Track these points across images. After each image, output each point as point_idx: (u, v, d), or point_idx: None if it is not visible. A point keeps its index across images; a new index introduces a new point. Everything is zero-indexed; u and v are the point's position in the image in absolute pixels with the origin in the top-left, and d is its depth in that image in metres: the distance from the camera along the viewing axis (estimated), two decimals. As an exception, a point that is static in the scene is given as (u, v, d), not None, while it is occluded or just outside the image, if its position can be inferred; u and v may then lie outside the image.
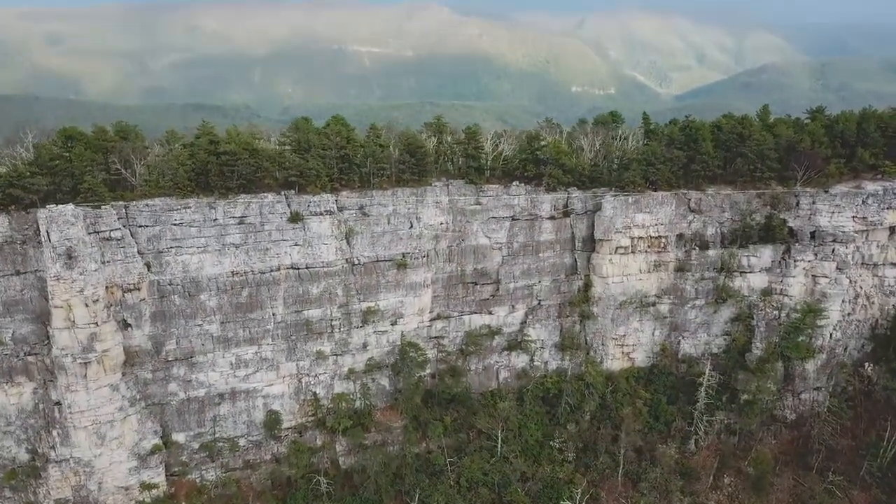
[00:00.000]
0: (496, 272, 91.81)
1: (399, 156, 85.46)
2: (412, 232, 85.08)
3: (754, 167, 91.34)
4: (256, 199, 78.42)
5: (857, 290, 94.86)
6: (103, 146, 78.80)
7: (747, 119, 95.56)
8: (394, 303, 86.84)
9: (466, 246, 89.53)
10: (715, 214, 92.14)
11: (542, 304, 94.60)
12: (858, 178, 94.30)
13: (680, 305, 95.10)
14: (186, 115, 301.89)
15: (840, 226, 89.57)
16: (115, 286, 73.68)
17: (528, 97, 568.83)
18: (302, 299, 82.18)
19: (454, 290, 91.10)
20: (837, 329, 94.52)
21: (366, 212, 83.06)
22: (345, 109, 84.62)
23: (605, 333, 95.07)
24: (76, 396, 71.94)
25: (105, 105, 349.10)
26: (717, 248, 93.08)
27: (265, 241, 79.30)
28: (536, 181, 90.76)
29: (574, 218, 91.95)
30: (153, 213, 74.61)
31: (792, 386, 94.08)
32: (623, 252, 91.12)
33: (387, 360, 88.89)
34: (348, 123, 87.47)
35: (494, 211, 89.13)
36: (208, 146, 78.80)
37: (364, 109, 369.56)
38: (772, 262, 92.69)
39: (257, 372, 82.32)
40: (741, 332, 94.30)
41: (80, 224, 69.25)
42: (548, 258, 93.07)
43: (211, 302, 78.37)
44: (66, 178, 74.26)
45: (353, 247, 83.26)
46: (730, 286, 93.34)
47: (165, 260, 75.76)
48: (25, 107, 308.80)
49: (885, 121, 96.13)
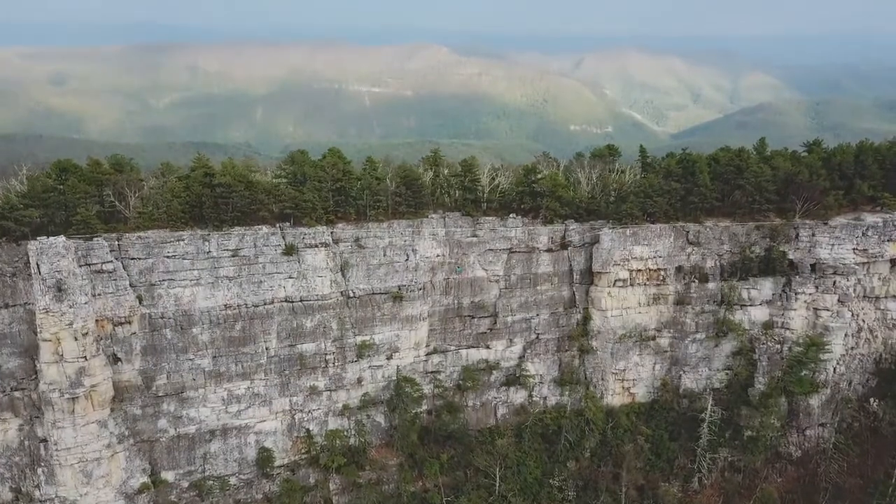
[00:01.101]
0: (493, 305, 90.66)
1: (395, 188, 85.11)
2: (408, 264, 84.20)
3: (752, 199, 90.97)
4: (251, 232, 77.74)
5: (860, 324, 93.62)
6: (98, 179, 78.44)
7: (744, 151, 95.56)
8: (389, 336, 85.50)
9: (463, 278, 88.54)
10: (714, 247, 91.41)
11: (540, 337, 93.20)
12: (858, 209, 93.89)
13: (680, 339, 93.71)
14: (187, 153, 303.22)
15: (841, 258, 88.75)
16: (106, 319, 72.45)
17: (526, 136, 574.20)
18: (296, 333, 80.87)
19: (451, 324, 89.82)
20: (841, 363, 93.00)
21: (361, 244, 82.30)
22: (345, 147, 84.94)
23: (604, 368, 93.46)
24: (63, 433, 70.06)
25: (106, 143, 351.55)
26: (717, 280, 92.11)
27: (259, 274, 78.36)
28: (533, 213, 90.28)
29: (572, 250, 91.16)
30: (146, 245, 73.77)
31: (796, 422, 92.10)
32: (622, 285, 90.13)
33: (382, 396, 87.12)
34: (345, 156, 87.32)
35: (491, 243, 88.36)
36: (203, 179, 78.47)
37: (364, 148, 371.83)
38: (772, 294, 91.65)
39: (249, 408, 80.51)
40: (743, 367, 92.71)
41: (71, 256, 68.33)
42: (546, 291, 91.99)
43: (203, 336, 77.06)
44: (59, 210, 73.82)
45: (349, 279, 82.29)
46: (730, 319, 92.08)
47: (157, 293, 74.69)
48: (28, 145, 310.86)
49: (882, 153, 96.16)
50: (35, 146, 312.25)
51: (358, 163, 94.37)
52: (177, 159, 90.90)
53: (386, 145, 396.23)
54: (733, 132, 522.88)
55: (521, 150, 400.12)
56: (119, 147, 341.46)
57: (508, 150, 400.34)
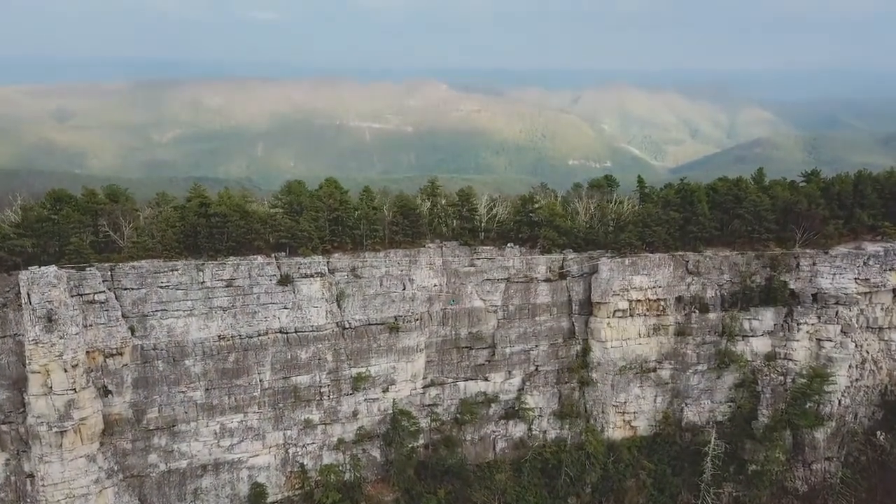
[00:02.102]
0: (492, 336, 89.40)
1: (392, 218, 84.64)
2: (405, 294, 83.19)
3: (752, 228, 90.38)
4: (246, 262, 76.99)
5: (864, 355, 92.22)
6: (92, 209, 78.10)
7: (742, 181, 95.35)
8: (385, 368, 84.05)
9: (461, 309, 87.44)
10: (714, 276, 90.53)
11: (539, 369, 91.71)
12: (858, 239, 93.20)
13: (681, 371, 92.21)
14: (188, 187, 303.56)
15: (842, 287, 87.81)
16: (97, 351, 71.21)
17: (525, 171, 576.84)
18: (290, 365, 79.50)
19: (448, 355, 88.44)
20: (846, 395, 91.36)
21: (358, 274, 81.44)
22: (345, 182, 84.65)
23: (605, 400, 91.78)
24: (50, 468, 68.33)
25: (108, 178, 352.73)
26: (718, 310, 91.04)
27: (253, 305, 77.37)
28: (531, 243, 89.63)
29: (570, 280, 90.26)
30: (139, 275, 72.95)
31: (802, 456, 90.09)
32: (621, 315, 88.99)
33: (378, 430, 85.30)
34: (341, 186, 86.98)
35: (489, 273, 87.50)
36: (199, 209, 78.05)
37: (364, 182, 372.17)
38: (774, 325, 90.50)
39: (242, 442, 78.70)
40: (746, 399, 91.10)
41: (63, 286, 67.44)
42: (544, 322, 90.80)
43: (196, 367, 75.72)
44: (53, 239, 73.20)
45: (344, 310, 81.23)
46: (732, 350, 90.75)
47: (150, 324, 73.62)
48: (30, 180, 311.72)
49: (881, 182, 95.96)
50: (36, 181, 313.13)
51: (357, 195, 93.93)
52: (177, 193, 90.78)
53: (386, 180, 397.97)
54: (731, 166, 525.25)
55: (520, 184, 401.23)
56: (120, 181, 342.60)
57: (507, 184, 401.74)
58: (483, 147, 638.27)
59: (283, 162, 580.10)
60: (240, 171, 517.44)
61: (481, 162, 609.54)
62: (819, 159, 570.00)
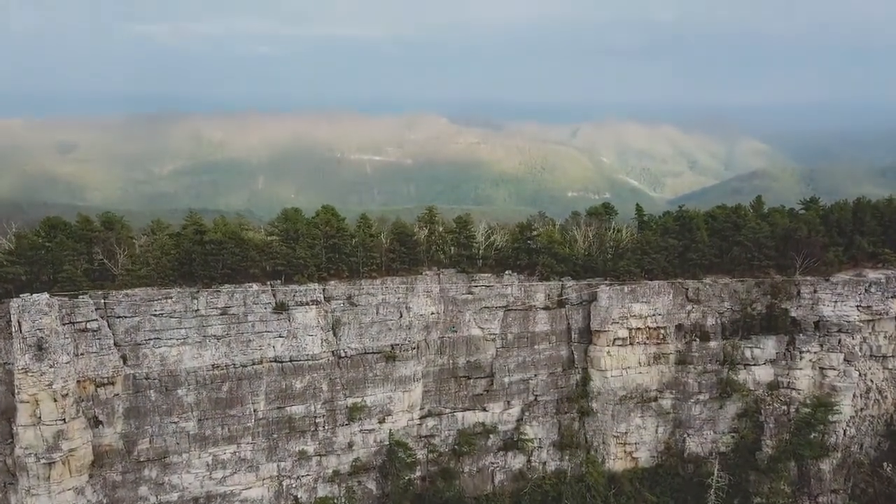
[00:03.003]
0: (490, 365, 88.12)
1: (389, 245, 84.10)
2: (402, 322, 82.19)
3: (751, 255, 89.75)
4: (241, 289, 76.24)
5: (868, 384, 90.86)
6: (87, 236, 77.58)
7: (741, 208, 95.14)
8: (382, 398, 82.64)
9: (459, 337, 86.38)
10: (714, 304, 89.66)
11: (538, 399, 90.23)
12: (859, 266, 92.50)
13: (683, 400, 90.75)
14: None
15: (844, 315, 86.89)
16: (88, 380, 70.05)
17: (525, 202, 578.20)
18: (285, 394, 78.18)
19: (446, 385, 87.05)
20: (851, 425, 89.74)
21: (354, 301, 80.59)
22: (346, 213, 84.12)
23: (605, 431, 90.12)
24: (37, 501, 66.75)
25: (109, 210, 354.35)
26: (719, 339, 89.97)
27: (248, 333, 76.41)
28: (529, 270, 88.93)
29: (569, 308, 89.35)
30: (133, 303, 72.12)
31: (808, 488, 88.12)
32: (621, 344, 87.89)
33: (374, 462, 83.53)
34: (338, 213, 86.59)
35: (487, 300, 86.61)
36: (194, 236, 77.61)
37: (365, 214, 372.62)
38: (776, 353, 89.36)
39: (235, 473, 76.97)
40: (749, 429, 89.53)
41: (55, 314, 66.62)
42: (544, 350, 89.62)
43: (189, 397, 74.44)
44: (46, 267, 72.59)
45: (340, 338, 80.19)
46: (734, 379, 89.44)
47: (143, 352, 72.56)
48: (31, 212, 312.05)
49: (880, 210, 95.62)
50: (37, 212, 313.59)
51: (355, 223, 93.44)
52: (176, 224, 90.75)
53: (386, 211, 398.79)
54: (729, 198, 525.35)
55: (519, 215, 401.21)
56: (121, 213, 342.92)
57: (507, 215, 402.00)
58: (482, 179, 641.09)
59: (284, 194, 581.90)
60: (240, 202, 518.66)
61: (481, 193, 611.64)
62: (817, 190, 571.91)
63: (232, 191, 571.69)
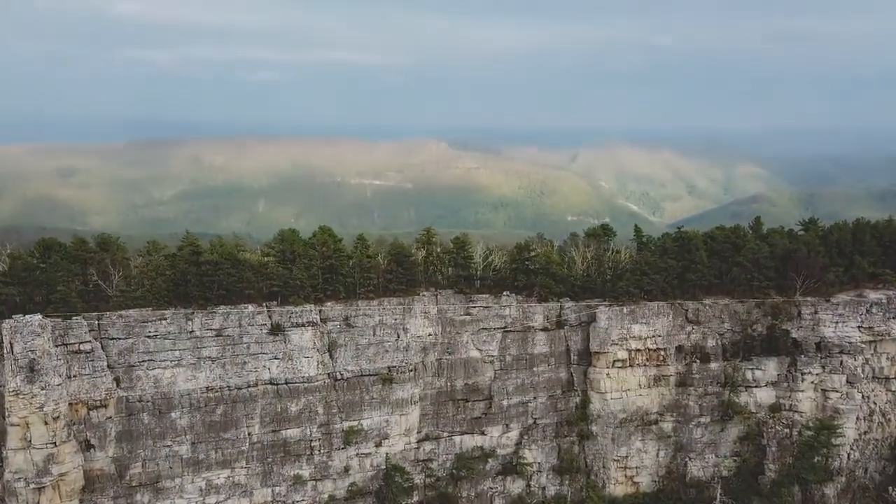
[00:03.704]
0: (488, 388, 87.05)
1: (387, 265, 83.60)
2: (399, 344, 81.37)
3: (751, 276, 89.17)
4: (236, 311, 75.60)
5: (872, 407, 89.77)
6: (82, 257, 77.10)
7: (740, 228, 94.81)
8: (378, 422, 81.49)
9: (456, 359, 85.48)
10: (714, 325, 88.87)
11: (537, 422, 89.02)
12: (859, 287, 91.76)
13: (684, 423, 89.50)
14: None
15: (846, 336, 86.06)
16: (80, 403, 69.07)
17: (524, 226, 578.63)
18: (280, 417, 77.13)
19: (444, 408, 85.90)
20: (855, 449, 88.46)
21: (350, 323, 79.87)
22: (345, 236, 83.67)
23: (605, 455, 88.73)
24: (26, 526, 65.28)
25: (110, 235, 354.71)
26: (720, 360, 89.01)
27: (243, 355, 75.63)
28: (528, 291, 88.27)
29: (568, 329, 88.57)
30: (127, 324, 71.53)
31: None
32: (620, 365, 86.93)
33: (370, 486, 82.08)
34: (336, 234, 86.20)
35: (485, 321, 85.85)
36: (190, 256, 77.16)
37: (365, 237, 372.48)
38: (777, 375, 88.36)
39: (229, 499, 75.58)
40: (752, 453, 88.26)
41: (47, 335, 65.88)
42: (542, 372, 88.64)
43: (182, 420, 73.41)
44: (40, 288, 72.04)
45: (336, 360, 79.32)
46: (735, 402, 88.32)
47: (136, 374, 71.76)
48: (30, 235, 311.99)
49: (880, 230, 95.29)
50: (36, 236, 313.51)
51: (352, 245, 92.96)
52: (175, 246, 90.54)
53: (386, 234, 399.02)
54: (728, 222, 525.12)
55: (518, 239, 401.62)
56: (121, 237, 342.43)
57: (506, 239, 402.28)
58: (482, 203, 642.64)
59: (284, 218, 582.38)
60: (240, 226, 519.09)
61: (480, 217, 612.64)
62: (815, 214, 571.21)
63: (232, 215, 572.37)
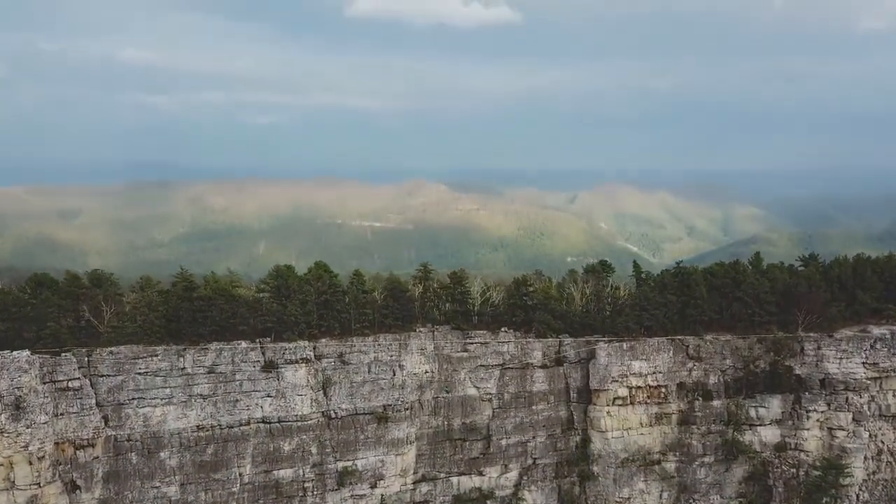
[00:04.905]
0: (486, 427, 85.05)
1: (382, 301, 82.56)
2: (394, 381, 79.78)
3: (752, 311, 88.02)
4: (229, 347, 74.38)
5: (879, 446, 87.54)
6: (74, 293, 76.11)
7: (739, 264, 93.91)
8: (373, 462, 79.38)
9: (453, 397, 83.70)
10: (716, 362, 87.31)
11: (537, 462, 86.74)
12: (862, 322, 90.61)
13: (687, 463, 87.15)
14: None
15: (850, 372, 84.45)
16: (67, 442, 67.45)
17: (524, 267, 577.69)
18: (272, 457, 75.18)
19: (440, 448, 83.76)
20: (864, 490, 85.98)
21: (345, 360, 78.46)
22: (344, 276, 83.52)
23: (607, 496, 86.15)
24: (6, 571, 62.98)
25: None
26: (722, 398, 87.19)
27: (235, 392, 74.16)
28: (526, 327, 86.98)
29: (568, 367, 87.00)
30: (117, 361, 70.38)
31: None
32: (621, 403, 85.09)
33: (365, 529, 79.56)
34: (331, 269, 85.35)
35: (483, 358, 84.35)
36: (183, 292, 76.27)
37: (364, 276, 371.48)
38: (782, 413, 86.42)
39: (218, 543, 73.11)
40: (758, 494, 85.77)
41: (35, 372, 64.67)
42: (542, 411, 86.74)
43: (171, 460, 71.55)
44: (30, 324, 71.03)
45: (331, 398, 77.68)
46: (740, 441, 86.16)
47: (125, 412, 70.29)
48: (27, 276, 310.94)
49: (880, 265, 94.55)
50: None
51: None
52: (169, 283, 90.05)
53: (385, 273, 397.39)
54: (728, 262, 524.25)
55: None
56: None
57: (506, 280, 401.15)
58: (482, 244, 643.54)
59: (285, 259, 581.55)
60: (241, 268, 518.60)
61: (480, 258, 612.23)
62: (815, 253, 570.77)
63: (233, 256, 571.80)
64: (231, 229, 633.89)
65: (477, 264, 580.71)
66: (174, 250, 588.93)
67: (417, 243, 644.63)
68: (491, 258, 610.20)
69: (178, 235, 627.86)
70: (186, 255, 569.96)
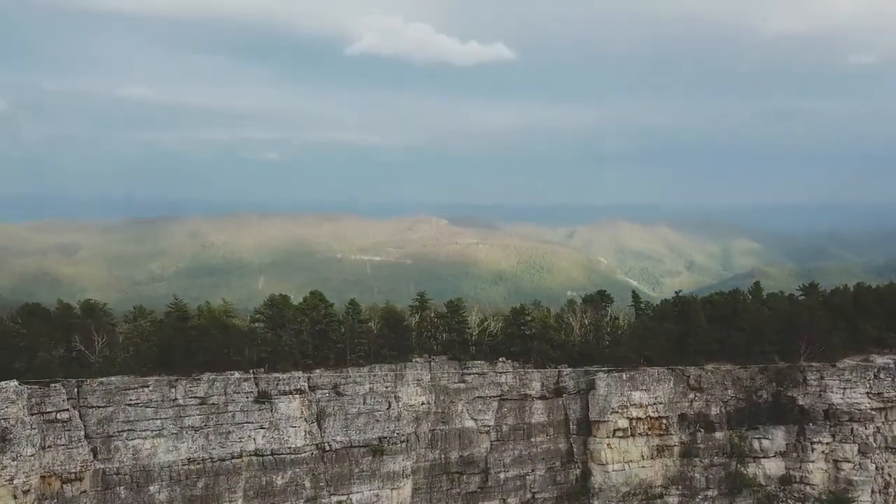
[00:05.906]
0: (484, 460, 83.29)
1: (378, 331, 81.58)
2: (390, 413, 78.28)
3: (752, 341, 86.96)
4: (222, 378, 73.12)
5: (887, 479, 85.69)
6: (66, 322, 75.21)
7: (739, 293, 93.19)
8: (368, 496, 77.39)
9: (451, 429, 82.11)
10: (717, 392, 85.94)
11: (536, 496, 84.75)
12: (865, 351, 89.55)
13: (690, 497, 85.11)
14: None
15: (855, 403, 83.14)
16: (54, 475, 65.70)
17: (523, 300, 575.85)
18: (264, 491, 73.26)
19: (437, 482, 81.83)
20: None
21: (340, 391, 77.12)
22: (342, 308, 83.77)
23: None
24: None
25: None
26: (724, 429, 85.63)
27: (228, 424, 72.61)
28: (524, 357, 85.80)
29: (567, 398, 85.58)
30: (107, 391, 69.06)
31: None
32: (622, 435, 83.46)
33: (360, 568, 77.27)
34: (326, 298, 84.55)
35: (481, 389, 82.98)
36: (177, 322, 75.40)
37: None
38: (786, 444, 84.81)
39: (208, 581, 70.87)
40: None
41: (22, 403, 63.32)
42: (541, 443, 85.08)
43: (161, 495, 69.69)
44: (20, 353, 69.92)
45: (325, 430, 76.10)
46: (743, 474, 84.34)
47: (115, 445, 68.70)
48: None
49: (881, 294, 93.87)
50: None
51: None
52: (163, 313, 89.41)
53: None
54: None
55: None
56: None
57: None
58: (481, 278, 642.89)
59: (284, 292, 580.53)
60: (240, 303, 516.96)
61: (480, 292, 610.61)
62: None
63: (232, 291, 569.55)
64: (231, 264, 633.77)
65: (476, 298, 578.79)
66: (174, 285, 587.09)
67: (417, 277, 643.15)
68: (490, 292, 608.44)
69: (177, 270, 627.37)
70: (186, 290, 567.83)
